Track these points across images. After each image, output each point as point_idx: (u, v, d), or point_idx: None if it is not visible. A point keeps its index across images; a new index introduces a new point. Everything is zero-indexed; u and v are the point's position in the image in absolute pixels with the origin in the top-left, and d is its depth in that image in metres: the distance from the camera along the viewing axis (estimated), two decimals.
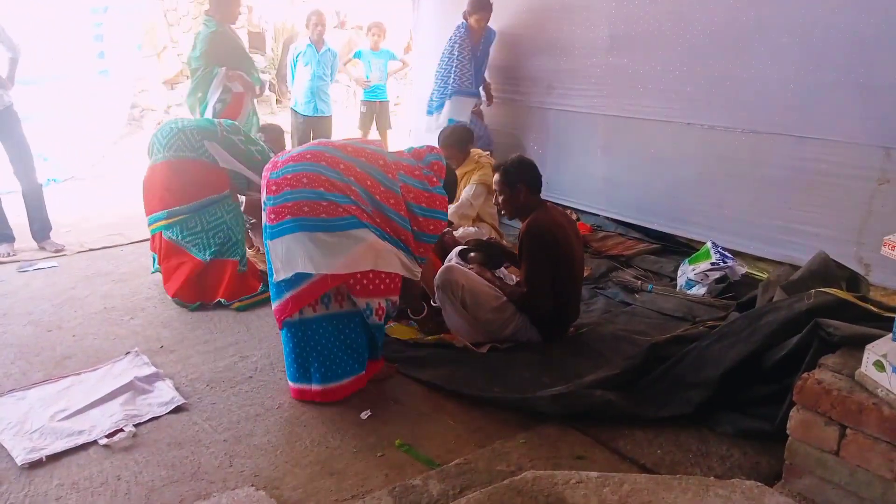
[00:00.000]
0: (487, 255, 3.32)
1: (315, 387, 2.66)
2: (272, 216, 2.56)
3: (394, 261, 2.63)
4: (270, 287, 2.68)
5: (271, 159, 2.75)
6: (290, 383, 2.72)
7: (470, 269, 3.20)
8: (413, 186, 2.74)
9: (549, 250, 2.95)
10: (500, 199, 3.15)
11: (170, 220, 3.75)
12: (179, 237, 3.74)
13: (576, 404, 2.50)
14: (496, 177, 3.15)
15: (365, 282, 2.57)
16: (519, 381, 2.74)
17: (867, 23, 3.42)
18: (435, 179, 2.84)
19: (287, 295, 2.58)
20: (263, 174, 2.69)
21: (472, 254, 3.35)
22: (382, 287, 2.61)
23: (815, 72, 3.66)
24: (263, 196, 2.65)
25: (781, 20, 3.76)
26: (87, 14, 7.55)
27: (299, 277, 2.53)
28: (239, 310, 3.59)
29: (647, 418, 2.46)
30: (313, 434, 2.48)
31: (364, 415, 2.59)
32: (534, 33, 5.24)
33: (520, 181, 3.05)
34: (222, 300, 3.64)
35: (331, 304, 2.62)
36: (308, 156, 2.62)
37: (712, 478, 2.03)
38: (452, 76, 5.13)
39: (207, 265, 3.71)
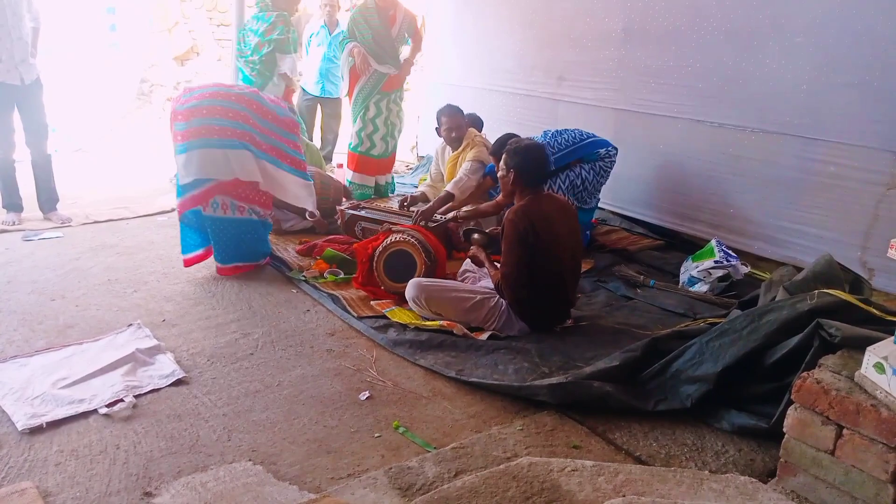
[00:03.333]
0: (489, 238, 3.44)
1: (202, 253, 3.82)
2: (180, 138, 3.57)
3: (266, 178, 3.74)
4: (177, 189, 3.69)
5: (177, 97, 3.77)
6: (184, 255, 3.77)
7: (473, 249, 3.41)
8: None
9: (525, 238, 2.95)
10: (498, 175, 3.22)
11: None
12: None
13: (574, 394, 2.51)
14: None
15: (246, 192, 3.71)
16: (518, 370, 2.75)
17: (884, 25, 3.39)
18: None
19: (188, 194, 3.60)
20: (172, 106, 3.73)
21: (476, 235, 3.51)
22: (257, 199, 3.78)
23: (829, 73, 3.63)
24: (172, 125, 3.63)
25: (797, 20, 3.74)
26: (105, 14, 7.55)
27: (198, 182, 3.58)
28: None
29: (644, 411, 2.47)
30: (311, 412, 2.50)
31: (363, 396, 2.61)
32: (546, 22, 5.21)
33: (513, 166, 3.06)
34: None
35: (217, 210, 3.68)
36: (207, 94, 3.70)
37: (707, 472, 2.05)
38: None
39: None
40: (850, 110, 3.56)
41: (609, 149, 4.26)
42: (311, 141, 5.81)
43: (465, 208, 4.18)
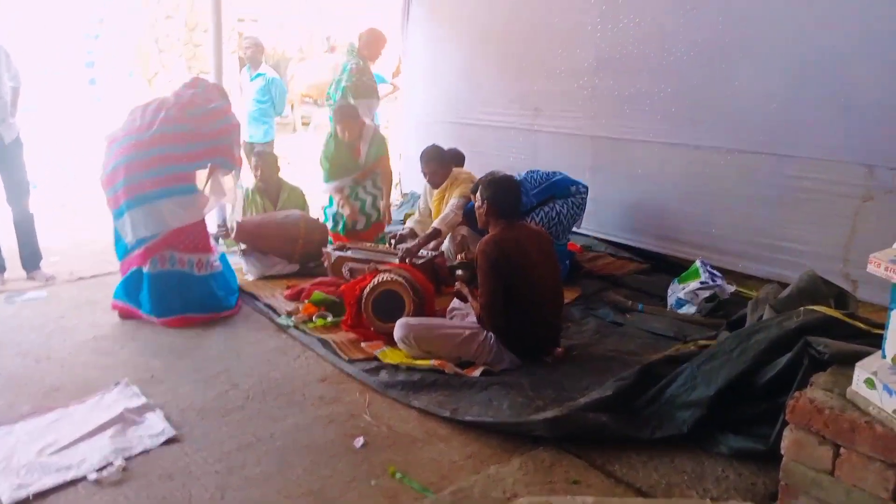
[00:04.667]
0: (472, 273, 3.46)
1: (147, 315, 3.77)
2: (112, 204, 3.73)
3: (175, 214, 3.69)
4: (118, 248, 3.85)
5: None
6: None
7: (457, 285, 3.50)
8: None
9: (497, 266, 3.01)
10: (475, 207, 3.31)
11: None
12: None
13: (570, 427, 2.49)
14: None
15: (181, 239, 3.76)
16: (512, 405, 2.73)
17: (848, 42, 3.48)
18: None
19: (133, 253, 3.74)
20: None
21: (460, 271, 3.56)
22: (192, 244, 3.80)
23: (798, 91, 3.72)
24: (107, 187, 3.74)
25: (763, 41, 3.83)
26: (79, 40, 7.59)
27: (141, 241, 3.70)
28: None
29: (641, 440, 2.46)
30: (306, 463, 2.46)
31: (357, 442, 2.57)
32: (521, 56, 5.30)
33: (485, 198, 3.17)
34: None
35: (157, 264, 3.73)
36: (122, 152, 3.69)
37: (708, 500, 2.03)
38: None
39: None
40: (822, 126, 3.64)
41: (579, 186, 4.38)
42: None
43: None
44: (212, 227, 4.92)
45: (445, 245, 4.38)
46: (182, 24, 12.27)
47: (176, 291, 3.74)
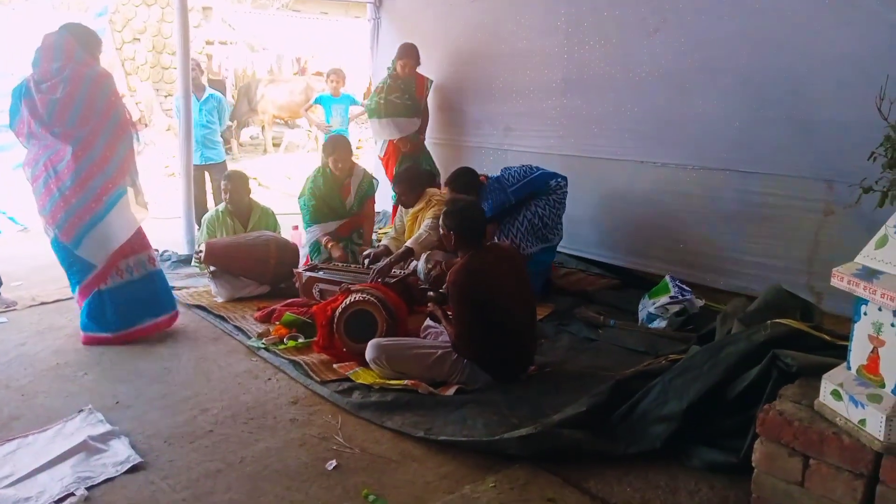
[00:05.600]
0: (444, 296, 3.39)
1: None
2: (65, 238, 3.62)
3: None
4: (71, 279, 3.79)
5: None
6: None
7: (430, 306, 3.45)
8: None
9: (469, 297, 3.00)
10: (441, 234, 3.31)
11: None
12: None
13: (544, 444, 2.48)
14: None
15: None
16: (487, 423, 2.72)
17: (804, 63, 3.60)
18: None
19: (88, 277, 3.69)
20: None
21: (431, 293, 3.51)
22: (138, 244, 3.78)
23: (759, 110, 3.83)
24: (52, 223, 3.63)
25: (724, 62, 3.95)
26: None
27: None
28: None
29: (615, 455, 2.46)
30: (277, 488, 2.40)
31: (329, 465, 2.52)
32: (491, 77, 5.37)
33: (452, 228, 3.14)
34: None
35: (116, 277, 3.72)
36: (45, 191, 3.61)
37: None
38: None
39: None
40: (782, 144, 3.74)
41: (559, 180, 4.36)
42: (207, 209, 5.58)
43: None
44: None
45: (420, 265, 4.35)
46: (149, 46, 12.20)
47: (139, 299, 3.74)
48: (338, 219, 4.80)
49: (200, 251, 4.47)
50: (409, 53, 5.47)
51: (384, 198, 5.83)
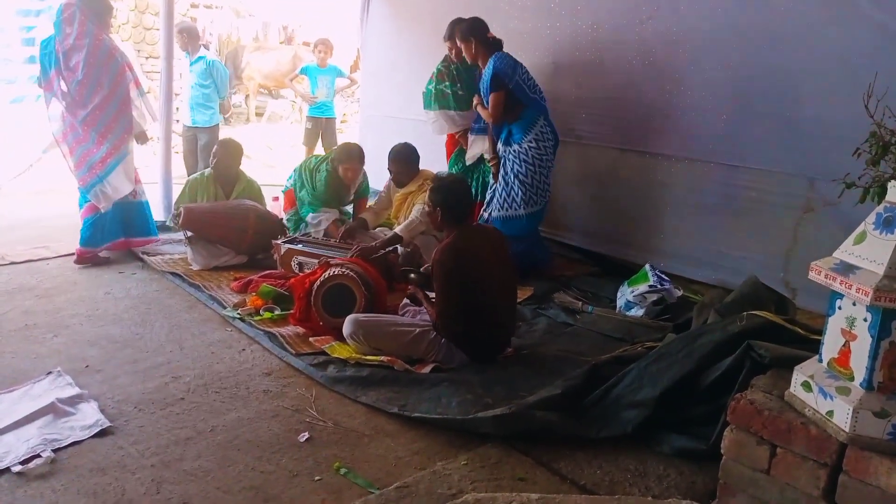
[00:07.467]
0: (425, 277, 3.39)
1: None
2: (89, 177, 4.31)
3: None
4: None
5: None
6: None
7: (410, 288, 3.41)
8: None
9: (454, 276, 3.00)
10: (426, 211, 3.31)
11: None
12: None
13: (517, 425, 2.49)
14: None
15: None
16: (461, 402, 2.72)
17: (792, 59, 3.62)
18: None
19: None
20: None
21: (412, 275, 3.47)
22: None
23: (745, 104, 3.84)
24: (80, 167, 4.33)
25: (713, 57, 3.95)
26: (15, 16, 7.19)
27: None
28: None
29: (587, 439, 2.48)
30: (248, 458, 2.39)
31: (302, 437, 2.51)
32: None
33: (438, 204, 3.14)
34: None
35: None
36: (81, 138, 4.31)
37: (650, 498, 2.06)
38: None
39: None
40: (767, 138, 3.77)
41: (550, 127, 4.33)
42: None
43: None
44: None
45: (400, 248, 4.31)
46: (132, 5, 11.85)
47: (119, 219, 4.43)
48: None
49: (179, 213, 4.39)
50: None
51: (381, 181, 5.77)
